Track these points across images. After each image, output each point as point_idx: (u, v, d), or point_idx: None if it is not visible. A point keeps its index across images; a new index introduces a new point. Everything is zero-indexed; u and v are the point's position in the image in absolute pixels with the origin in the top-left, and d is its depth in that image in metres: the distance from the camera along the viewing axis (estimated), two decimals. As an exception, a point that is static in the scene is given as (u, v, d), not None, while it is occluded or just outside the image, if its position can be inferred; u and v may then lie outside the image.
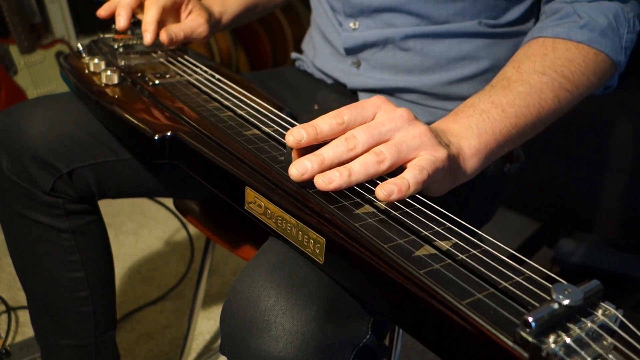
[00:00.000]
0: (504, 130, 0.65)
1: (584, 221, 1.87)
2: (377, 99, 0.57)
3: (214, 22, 0.97)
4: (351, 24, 0.92)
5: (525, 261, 0.46)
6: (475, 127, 0.64)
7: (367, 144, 0.54)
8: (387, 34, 0.88)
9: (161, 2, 0.88)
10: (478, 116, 0.64)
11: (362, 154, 0.54)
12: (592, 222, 1.86)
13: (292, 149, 0.56)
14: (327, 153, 0.53)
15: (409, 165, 0.55)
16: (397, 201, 0.52)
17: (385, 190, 0.51)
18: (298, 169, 0.52)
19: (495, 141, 0.64)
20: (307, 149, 0.55)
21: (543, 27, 0.75)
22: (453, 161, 0.59)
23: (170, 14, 0.93)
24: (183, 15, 0.94)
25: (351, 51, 0.94)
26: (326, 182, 0.52)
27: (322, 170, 0.53)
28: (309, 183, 0.53)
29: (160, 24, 0.90)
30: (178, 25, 0.91)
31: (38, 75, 2.15)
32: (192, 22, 0.92)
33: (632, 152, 1.75)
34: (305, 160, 0.53)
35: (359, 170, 0.52)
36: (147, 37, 0.87)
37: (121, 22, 0.88)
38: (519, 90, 0.67)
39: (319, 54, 1.02)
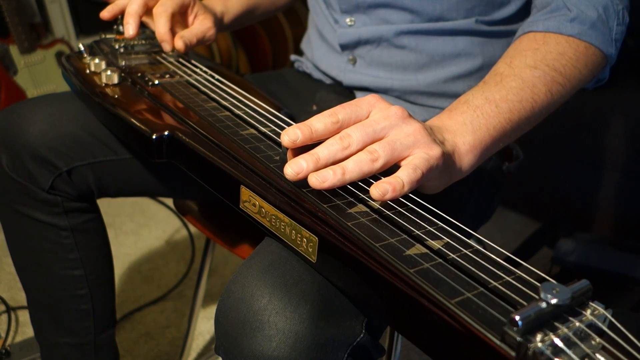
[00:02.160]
0: (498, 126, 0.65)
1: (583, 221, 1.87)
2: (372, 97, 0.58)
3: (218, 23, 0.98)
4: (347, 20, 0.93)
5: (521, 264, 0.46)
6: (470, 124, 0.64)
7: (361, 143, 0.54)
8: (381, 30, 0.89)
9: (169, 9, 0.88)
10: (472, 112, 0.65)
11: (356, 152, 0.54)
12: (592, 222, 1.86)
13: (287, 148, 0.56)
14: (322, 152, 0.54)
15: (403, 163, 0.55)
16: (391, 200, 0.52)
17: (380, 190, 0.51)
18: (294, 168, 0.53)
19: (490, 137, 0.65)
20: (302, 148, 0.55)
21: (534, 22, 0.75)
22: (448, 158, 0.60)
23: (177, 18, 0.93)
24: (190, 18, 0.94)
25: (346, 47, 0.94)
26: (320, 180, 0.52)
27: (318, 169, 0.53)
28: (303, 182, 0.53)
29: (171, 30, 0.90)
30: (189, 31, 0.91)
31: (38, 75, 2.15)
32: (201, 27, 0.93)
33: (632, 152, 1.75)
34: (300, 159, 0.53)
35: (352, 168, 0.53)
36: (167, 47, 0.88)
37: (130, 30, 0.88)
38: (511, 86, 0.67)
39: (316, 52, 1.03)
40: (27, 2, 2.22)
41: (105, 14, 0.91)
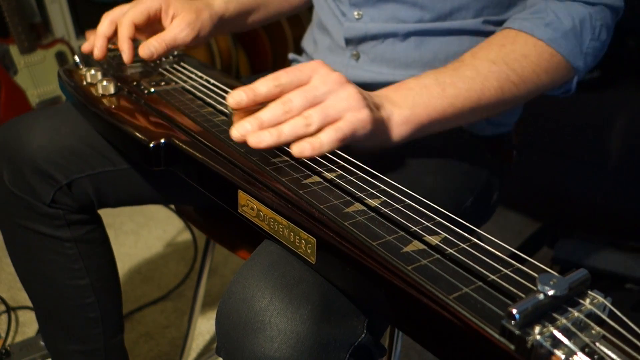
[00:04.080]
0: (439, 108, 0.69)
1: (584, 221, 1.87)
2: (314, 63, 0.62)
3: (208, 19, 0.94)
4: (355, 14, 0.91)
5: (527, 259, 0.46)
6: (412, 99, 0.68)
7: (302, 107, 0.59)
8: (388, 28, 0.88)
9: (129, 17, 0.86)
10: (418, 90, 0.69)
11: (297, 115, 0.59)
12: (592, 222, 1.86)
13: (233, 110, 0.62)
14: (265, 115, 0.59)
15: (329, 125, 0.60)
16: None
17: (298, 147, 0.58)
18: (239, 130, 0.59)
19: (427, 116, 0.69)
20: (248, 112, 0.61)
21: (515, 19, 0.77)
22: (380, 123, 0.64)
23: (152, 25, 0.91)
24: (166, 22, 0.91)
25: (351, 42, 0.93)
26: (257, 141, 0.57)
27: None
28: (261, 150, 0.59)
29: (144, 36, 0.89)
30: (157, 37, 0.87)
31: (38, 75, 2.15)
32: (173, 30, 0.89)
33: (632, 152, 1.75)
34: (245, 122, 0.59)
35: (288, 132, 0.58)
36: (125, 57, 0.86)
37: (97, 52, 0.87)
38: (465, 74, 0.70)
39: (319, 47, 1.02)
40: (27, 2, 2.22)
41: (86, 47, 0.90)
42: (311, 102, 0.59)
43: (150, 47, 0.85)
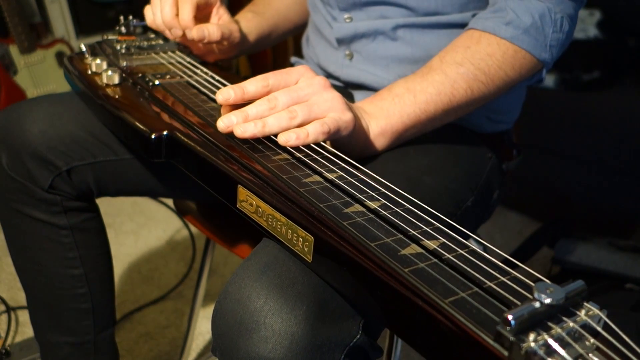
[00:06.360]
0: (412, 115, 0.73)
1: (584, 221, 1.87)
2: (301, 68, 0.67)
3: (243, 38, 0.99)
4: (345, 17, 0.93)
5: (518, 265, 0.46)
6: (386, 110, 0.72)
7: (286, 105, 0.63)
8: (377, 24, 0.89)
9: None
10: (390, 100, 0.73)
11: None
12: (592, 222, 1.86)
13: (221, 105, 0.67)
14: (251, 110, 0.63)
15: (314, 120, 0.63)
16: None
17: (285, 136, 0.61)
18: (225, 121, 0.62)
19: (402, 124, 0.73)
20: (237, 107, 0.64)
21: (478, 19, 0.78)
22: (360, 129, 0.69)
23: (200, 16, 0.93)
24: (214, 19, 0.94)
25: (342, 41, 0.94)
26: (242, 130, 0.61)
27: None
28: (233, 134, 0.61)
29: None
30: (214, 24, 0.90)
31: (38, 75, 2.15)
32: (229, 25, 0.92)
33: (632, 152, 1.75)
34: (231, 115, 0.62)
35: (272, 123, 0.62)
36: (189, 33, 0.88)
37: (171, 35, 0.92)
38: (434, 79, 0.73)
39: (316, 49, 1.02)
40: (27, 2, 2.22)
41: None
42: (295, 101, 0.64)
43: (204, 30, 0.88)
